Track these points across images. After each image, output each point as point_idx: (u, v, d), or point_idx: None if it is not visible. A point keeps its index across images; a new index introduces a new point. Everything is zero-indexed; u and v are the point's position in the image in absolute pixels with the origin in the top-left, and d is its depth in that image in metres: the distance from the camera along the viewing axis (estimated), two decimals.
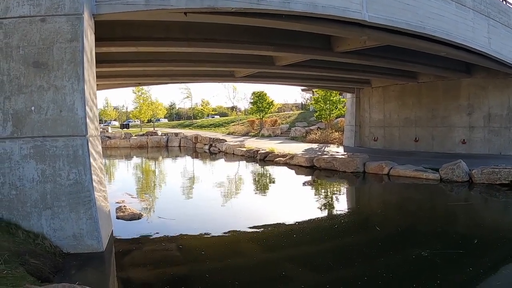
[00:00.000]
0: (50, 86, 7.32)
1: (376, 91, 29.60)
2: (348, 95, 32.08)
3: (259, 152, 26.71)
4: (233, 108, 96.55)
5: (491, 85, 22.99)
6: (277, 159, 23.95)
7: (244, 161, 26.47)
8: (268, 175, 21.09)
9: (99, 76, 11.01)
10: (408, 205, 13.79)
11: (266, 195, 15.72)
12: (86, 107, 7.30)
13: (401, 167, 18.28)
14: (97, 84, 8.61)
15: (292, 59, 18.20)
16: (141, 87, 56.11)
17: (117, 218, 10.67)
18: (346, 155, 20.20)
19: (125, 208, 11.36)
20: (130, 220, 10.66)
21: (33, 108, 7.21)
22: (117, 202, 12.36)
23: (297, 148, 28.87)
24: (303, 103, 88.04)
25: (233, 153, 30.64)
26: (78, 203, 7.31)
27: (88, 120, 7.37)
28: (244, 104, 74.35)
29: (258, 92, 48.46)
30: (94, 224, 7.34)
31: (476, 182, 15.70)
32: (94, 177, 7.46)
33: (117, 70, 18.99)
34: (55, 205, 7.30)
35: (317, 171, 20.37)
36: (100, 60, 13.53)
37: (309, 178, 18.93)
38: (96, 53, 8.64)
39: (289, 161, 22.78)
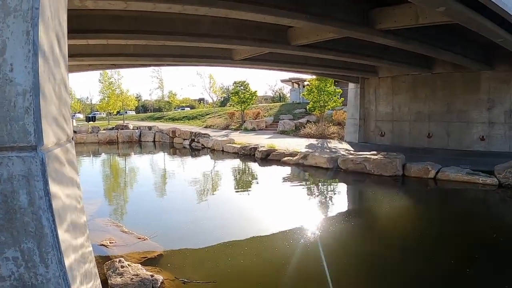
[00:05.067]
0: None
1: (383, 81, 27.02)
2: (351, 85, 29.26)
3: (258, 149, 23.16)
4: (200, 100, 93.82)
5: None
6: (286, 158, 20.62)
7: (239, 160, 22.96)
8: (288, 182, 17.44)
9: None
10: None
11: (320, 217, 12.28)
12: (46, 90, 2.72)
13: (450, 170, 15.63)
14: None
15: (314, 36, 15.29)
16: (109, 75, 52.25)
17: None
18: (381, 155, 17.30)
19: (122, 266, 6.71)
20: None
21: None
22: (102, 244, 8.30)
23: (297, 144, 25.65)
24: (274, 96, 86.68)
25: (222, 150, 26.80)
26: None
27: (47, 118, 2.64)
28: (218, 95, 70.55)
29: (241, 81, 45.23)
30: None
31: None
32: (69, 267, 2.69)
33: (89, 45, 15.44)
34: None
35: (343, 174, 17.39)
36: (70, 29, 10.44)
37: (342, 185, 16.23)
38: None
39: (302, 161, 19.51)
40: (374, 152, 18.30)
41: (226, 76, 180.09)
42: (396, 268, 7.68)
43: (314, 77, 33.39)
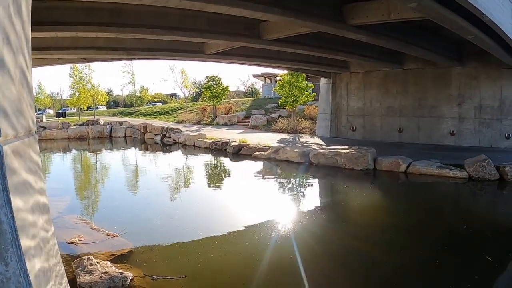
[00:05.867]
0: None
1: (355, 76, 27.16)
2: (323, 80, 29.33)
3: (230, 144, 23.00)
4: (172, 96, 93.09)
5: (483, 75, 22.09)
6: (257, 153, 20.52)
7: (211, 155, 22.78)
8: (259, 176, 17.33)
9: (32, 48, 7.49)
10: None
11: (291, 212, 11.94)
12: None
13: (421, 164, 15.82)
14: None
15: (286, 30, 15.23)
16: (80, 69, 51.28)
17: None
18: (352, 150, 17.34)
19: (91, 264, 6.55)
20: None
21: None
22: (70, 242, 8.05)
23: (269, 139, 25.53)
24: (246, 91, 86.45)
25: (193, 145, 26.54)
26: None
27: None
28: (190, 90, 69.91)
29: (213, 76, 44.96)
30: None
31: (509, 180, 14.20)
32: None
33: (58, 37, 15.07)
34: None
35: (314, 169, 17.39)
36: (37, 20, 10.79)
37: (313, 179, 16.42)
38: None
39: (274, 156, 19.42)
40: (346, 146, 18.36)
41: (199, 71, 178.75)
42: (367, 259, 7.73)
43: (286, 72, 33.34)
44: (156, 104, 72.53)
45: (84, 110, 61.32)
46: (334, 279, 6.80)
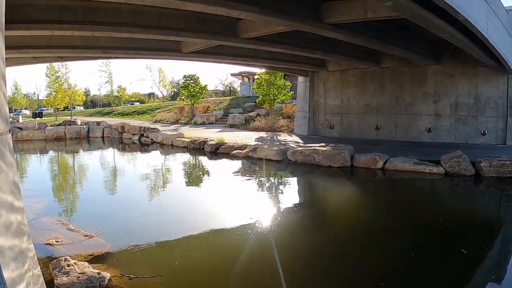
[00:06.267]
0: None
1: (332, 75, 27.31)
2: (300, 78, 29.45)
3: (207, 143, 22.95)
4: (150, 95, 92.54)
5: (459, 73, 22.48)
6: (235, 151, 20.51)
7: (189, 155, 22.74)
8: (237, 175, 17.29)
9: (8, 46, 7.31)
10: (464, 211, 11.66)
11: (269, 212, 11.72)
12: None
13: (398, 160, 16.02)
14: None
15: (264, 29, 15.25)
16: (57, 69, 50.47)
17: None
18: (330, 147, 17.44)
19: (68, 265, 6.45)
20: None
21: None
22: (47, 243, 7.96)
23: (246, 138, 25.47)
24: (224, 90, 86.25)
25: (171, 145, 26.42)
26: None
27: None
28: (168, 89, 69.50)
29: (191, 75, 44.72)
30: None
31: (484, 175, 14.48)
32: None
33: (33, 36, 14.84)
34: None
35: (292, 166, 17.47)
36: (12, 19, 10.61)
37: (291, 176, 16.57)
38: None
39: (252, 154, 19.47)
40: (323, 144, 18.44)
41: (177, 70, 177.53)
42: (344, 254, 7.88)
43: (264, 70, 33.34)
44: (134, 104, 71.81)
45: (61, 110, 60.37)
46: (311, 276, 6.84)
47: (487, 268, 7.19)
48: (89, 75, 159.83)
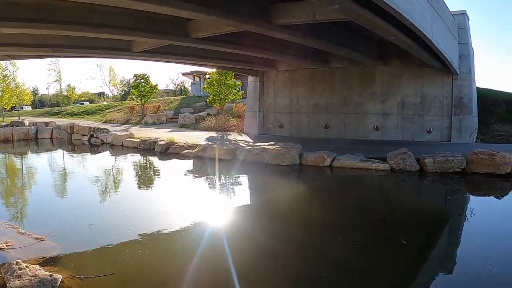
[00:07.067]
0: None
1: (282, 75, 27.70)
2: (251, 78, 29.65)
3: (157, 143, 22.91)
4: (100, 94, 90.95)
5: (405, 74, 23.31)
6: (185, 151, 20.53)
7: (139, 155, 22.52)
8: (187, 175, 17.30)
9: None
10: (407, 204, 12.38)
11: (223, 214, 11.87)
12: None
13: (345, 158, 16.54)
14: None
15: (214, 29, 15.33)
16: (4, 67, 48.50)
17: None
18: (278, 146, 17.72)
19: (20, 269, 6.39)
20: None
21: None
22: None
23: (197, 137, 25.52)
24: (175, 89, 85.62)
25: (122, 145, 26.14)
26: None
27: None
28: (118, 89, 68.21)
29: (141, 74, 44.16)
30: None
31: (428, 171, 15.24)
32: None
33: None
34: None
35: (242, 165, 17.59)
36: None
37: (240, 175, 16.68)
38: None
39: (202, 154, 19.51)
40: (272, 143, 18.76)
41: (128, 69, 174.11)
42: (293, 249, 8.17)
43: (215, 70, 33.36)
44: (83, 104, 70.21)
45: (8, 111, 58.54)
46: (258, 275, 7.01)
47: (423, 257, 7.58)
48: (38, 73, 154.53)
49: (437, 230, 9.70)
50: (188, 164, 18.94)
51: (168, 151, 21.83)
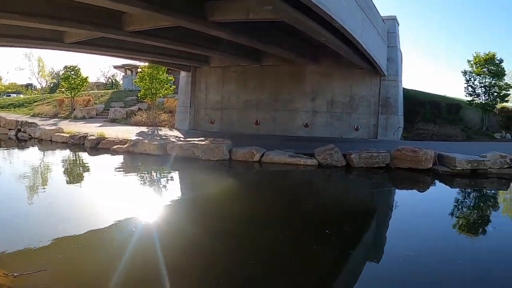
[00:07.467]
0: None
1: (214, 71, 27.87)
2: (183, 73, 29.60)
3: (88, 138, 22.37)
4: (28, 86, 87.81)
5: (335, 73, 24.20)
6: (116, 146, 20.20)
7: (68, 150, 21.90)
8: (117, 170, 16.92)
9: None
10: (331, 197, 13.07)
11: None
12: None
13: (274, 153, 16.93)
14: None
15: (148, 23, 15.34)
16: None
17: None
18: (208, 141, 17.80)
19: None
20: None
21: None
22: None
23: (127, 132, 25.06)
24: (106, 82, 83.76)
25: (50, 140, 25.23)
26: None
27: None
28: (47, 80, 65.84)
29: (72, 66, 42.62)
30: None
31: (354, 166, 15.99)
32: None
33: None
34: None
35: (172, 161, 17.50)
36: None
37: (170, 170, 16.67)
38: None
39: (132, 149, 19.28)
40: (203, 139, 18.86)
41: (58, 60, 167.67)
42: (222, 243, 8.21)
43: (147, 64, 32.90)
44: (10, 96, 67.57)
45: None
46: (190, 271, 7.09)
47: (346, 245, 8.04)
48: None
49: (360, 220, 10.17)
50: (119, 159, 18.67)
51: (99, 146, 21.35)
